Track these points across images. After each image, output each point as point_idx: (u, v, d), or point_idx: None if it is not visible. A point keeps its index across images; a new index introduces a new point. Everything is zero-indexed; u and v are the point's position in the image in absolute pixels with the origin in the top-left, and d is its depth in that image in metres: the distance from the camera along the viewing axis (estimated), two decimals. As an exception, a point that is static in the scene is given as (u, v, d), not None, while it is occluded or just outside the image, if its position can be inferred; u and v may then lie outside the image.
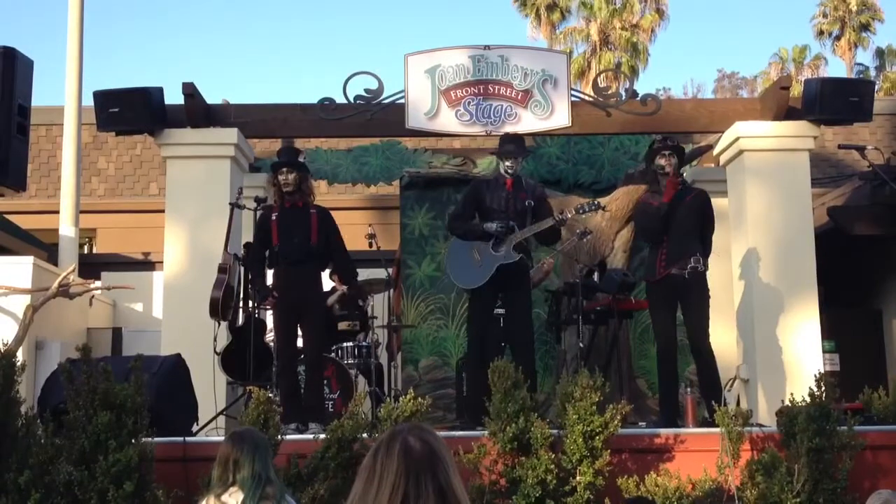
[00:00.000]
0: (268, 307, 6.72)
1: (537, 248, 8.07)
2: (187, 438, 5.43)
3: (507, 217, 6.36)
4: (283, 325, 6.43)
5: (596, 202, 6.71)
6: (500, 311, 6.52)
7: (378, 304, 8.12)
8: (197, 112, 7.65)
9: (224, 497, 3.70)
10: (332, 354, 7.48)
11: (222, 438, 4.96)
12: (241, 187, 7.48)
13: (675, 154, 6.49)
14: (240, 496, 3.68)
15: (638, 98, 7.89)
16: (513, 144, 6.62)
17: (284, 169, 6.44)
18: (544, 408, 6.81)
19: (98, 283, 10.56)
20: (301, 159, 6.62)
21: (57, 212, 10.54)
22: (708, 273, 6.44)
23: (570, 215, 6.47)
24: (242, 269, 6.93)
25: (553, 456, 5.01)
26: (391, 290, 8.55)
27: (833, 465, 5.04)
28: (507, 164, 6.49)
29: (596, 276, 7.65)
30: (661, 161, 6.46)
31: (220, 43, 60.67)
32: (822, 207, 9.52)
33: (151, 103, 7.51)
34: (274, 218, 6.44)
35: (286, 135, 8.85)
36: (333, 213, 6.72)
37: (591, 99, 8.01)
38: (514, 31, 56.03)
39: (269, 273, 6.68)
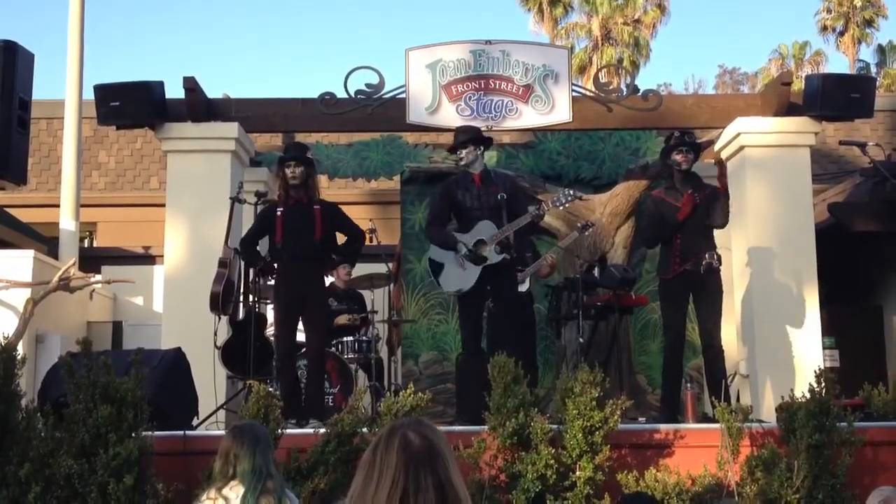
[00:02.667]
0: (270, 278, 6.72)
1: (540, 242, 8.09)
2: (187, 432, 5.43)
3: (480, 213, 6.27)
4: (284, 320, 6.43)
5: (572, 192, 6.56)
6: (492, 306, 6.49)
7: (378, 299, 8.13)
8: (198, 106, 7.65)
9: (224, 491, 3.70)
10: (333, 349, 7.49)
11: (222, 432, 4.97)
12: (242, 182, 7.48)
13: (691, 151, 6.46)
14: (240, 490, 3.68)
15: (639, 94, 7.87)
16: (461, 135, 6.48)
17: (292, 163, 6.42)
18: (544, 403, 6.82)
19: (98, 277, 10.57)
20: (309, 156, 6.60)
21: (57, 205, 10.54)
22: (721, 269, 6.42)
23: (547, 208, 6.41)
24: (243, 263, 6.93)
25: (553, 451, 5.00)
26: (391, 285, 8.55)
27: (833, 461, 5.04)
28: (462, 153, 6.33)
29: (596, 272, 7.65)
30: (678, 157, 6.42)
31: (221, 38, 60.66)
32: (822, 204, 9.52)
33: (152, 97, 7.51)
34: (279, 213, 6.43)
35: (287, 129, 8.84)
36: (333, 209, 6.70)
37: (592, 94, 8.00)
38: (516, 26, 56.02)
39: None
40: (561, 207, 6.74)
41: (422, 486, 1.82)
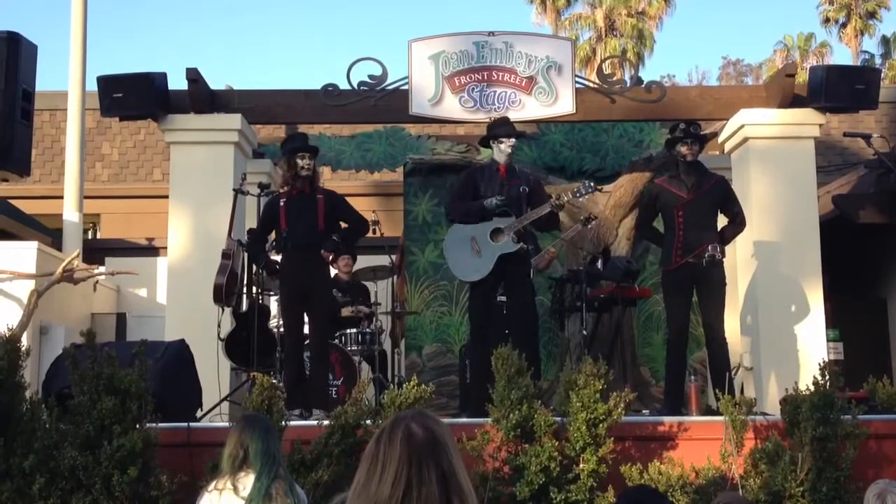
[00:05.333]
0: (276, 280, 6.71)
1: (543, 235, 8.06)
2: (191, 424, 5.43)
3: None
4: (290, 310, 6.43)
5: (591, 184, 6.53)
6: (503, 298, 6.50)
7: (382, 291, 8.12)
8: (201, 98, 7.64)
9: (234, 480, 3.71)
10: (336, 341, 7.49)
11: (226, 424, 4.99)
12: (245, 173, 7.48)
13: (697, 142, 6.44)
14: (249, 481, 3.68)
15: (642, 85, 7.86)
16: (506, 126, 6.53)
17: (306, 154, 6.41)
18: (547, 395, 6.81)
19: (102, 269, 10.56)
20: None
21: (61, 197, 10.53)
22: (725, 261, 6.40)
23: (566, 199, 6.40)
24: (246, 254, 6.93)
25: (556, 443, 5.00)
26: (395, 277, 8.55)
27: (837, 453, 5.03)
28: (504, 144, 6.36)
29: (600, 264, 7.64)
30: (683, 149, 6.38)
31: (224, 29, 60.59)
32: (826, 195, 9.50)
33: (155, 89, 7.50)
34: (282, 204, 6.43)
35: (290, 121, 8.83)
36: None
37: (595, 86, 7.98)
38: (519, 17, 55.93)
39: (278, 258, 6.68)
40: (581, 199, 6.72)
41: (425, 479, 1.81)
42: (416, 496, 1.80)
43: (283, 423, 5.04)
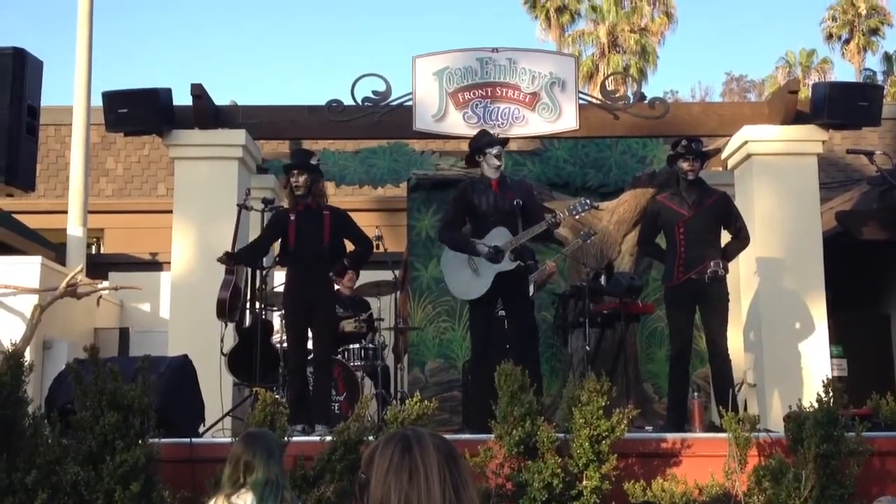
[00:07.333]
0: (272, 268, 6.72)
1: (542, 250, 8.07)
2: (194, 439, 5.43)
3: (495, 219, 6.26)
4: (294, 326, 6.43)
5: (587, 201, 6.50)
6: (503, 313, 6.49)
7: (385, 306, 8.12)
8: (205, 113, 7.67)
9: (233, 498, 3.70)
10: (339, 356, 7.48)
11: (229, 440, 4.98)
12: (249, 188, 7.49)
13: (698, 159, 6.45)
14: (248, 498, 3.67)
15: (646, 101, 7.88)
16: (487, 135, 6.51)
17: (295, 171, 6.46)
18: (550, 411, 6.79)
19: (106, 284, 10.58)
20: (314, 161, 6.61)
21: (65, 212, 10.56)
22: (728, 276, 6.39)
23: (563, 217, 6.39)
24: (249, 270, 6.93)
25: (559, 460, 4.99)
26: (398, 292, 8.55)
27: (840, 471, 5.01)
28: (491, 154, 6.33)
29: (603, 280, 7.63)
30: (685, 165, 6.38)
31: (228, 44, 60.86)
32: (830, 212, 9.50)
33: (160, 104, 7.53)
34: (292, 219, 6.45)
35: (294, 136, 8.85)
36: (340, 215, 6.71)
37: (598, 102, 8.00)
38: (523, 33, 56.14)
39: (281, 273, 6.69)
40: (577, 216, 6.71)
41: (467, 481, 1.90)
42: (464, 497, 1.87)
43: (286, 438, 5.03)
